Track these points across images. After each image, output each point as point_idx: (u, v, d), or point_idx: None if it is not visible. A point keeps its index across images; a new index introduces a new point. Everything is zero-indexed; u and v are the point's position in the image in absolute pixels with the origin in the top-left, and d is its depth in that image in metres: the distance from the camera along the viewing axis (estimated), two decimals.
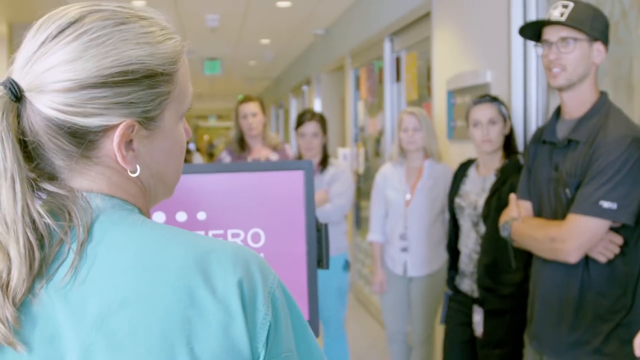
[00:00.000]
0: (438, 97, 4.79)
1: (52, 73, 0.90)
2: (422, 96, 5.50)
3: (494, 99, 3.35)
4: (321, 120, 4.57)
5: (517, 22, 3.54)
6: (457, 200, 3.53)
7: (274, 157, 4.90)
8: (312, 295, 1.67)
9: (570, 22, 2.39)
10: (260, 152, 4.90)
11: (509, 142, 3.36)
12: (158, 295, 0.87)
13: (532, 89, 3.55)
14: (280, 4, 7.32)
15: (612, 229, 2.36)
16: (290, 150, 5.02)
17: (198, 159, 5.14)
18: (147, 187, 1.01)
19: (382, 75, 6.35)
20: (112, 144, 0.92)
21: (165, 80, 0.96)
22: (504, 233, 2.67)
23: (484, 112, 3.32)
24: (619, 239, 2.36)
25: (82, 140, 0.92)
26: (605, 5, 2.99)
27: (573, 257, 2.35)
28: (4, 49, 7.41)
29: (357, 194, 7.45)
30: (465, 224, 3.46)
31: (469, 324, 3.42)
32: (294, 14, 7.86)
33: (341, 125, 9.19)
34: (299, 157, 4.55)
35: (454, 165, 3.84)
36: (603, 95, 2.49)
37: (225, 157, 4.94)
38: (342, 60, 8.04)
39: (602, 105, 2.45)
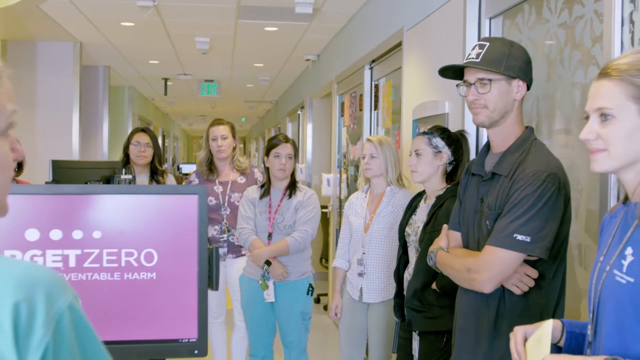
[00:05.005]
0: (406, 125, 4.86)
1: None
2: (398, 124, 5.57)
3: (431, 132, 3.41)
4: (294, 144, 4.64)
5: None
6: (407, 229, 3.59)
7: (241, 180, 4.96)
8: (201, 314, 1.73)
9: (484, 64, 2.45)
10: (228, 175, 4.97)
11: (455, 172, 3.44)
12: None
13: None
14: (268, 29, 7.44)
15: (530, 262, 2.41)
16: (259, 174, 5.07)
17: (171, 180, 5.21)
18: None
19: (362, 102, 6.43)
20: None
21: None
22: (429, 262, 2.73)
23: (414, 144, 3.43)
24: (533, 272, 2.40)
25: None
26: (546, 41, 3.06)
27: (487, 288, 2.39)
28: None
29: (339, 219, 7.51)
30: (410, 251, 3.52)
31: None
32: (282, 38, 7.97)
33: (329, 151, 9.28)
34: (268, 179, 4.59)
35: None
36: (528, 129, 2.54)
37: (194, 180, 5.01)
38: (330, 86, 8.14)
39: (525, 140, 2.50)
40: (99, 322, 1.75)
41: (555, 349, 1.87)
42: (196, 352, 1.75)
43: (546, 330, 1.69)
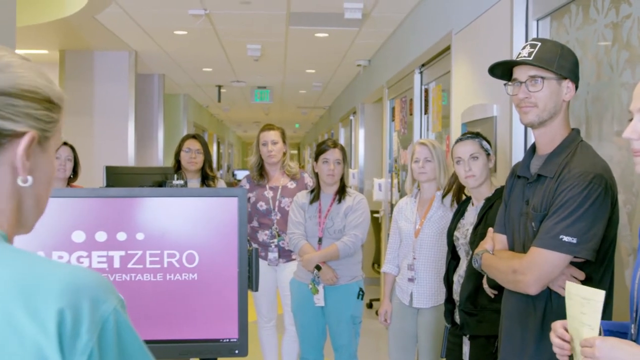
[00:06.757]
0: (455, 129, 4.84)
1: None
2: (447, 128, 5.54)
3: (477, 135, 3.40)
4: (342, 149, 4.65)
5: None
6: (456, 233, 3.57)
7: (291, 185, 5.00)
8: (242, 314, 1.76)
9: (537, 62, 2.43)
10: (278, 180, 5.01)
11: None
12: None
13: None
14: (319, 35, 7.48)
15: (576, 264, 2.38)
16: (309, 179, 5.09)
17: (222, 185, 5.30)
18: (22, 207, 1.11)
19: (412, 107, 6.42)
20: (14, 150, 1.06)
21: (57, 110, 1.13)
22: (474, 264, 2.71)
23: (465, 149, 3.38)
24: (580, 274, 2.37)
25: None
26: (594, 41, 3.02)
27: (533, 289, 2.37)
28: (55, 74, 7.77)
29: (389, 225, 7.49)
30: (461, 255, 3.50)
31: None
32: (333, 44, 8.01)
33: (381, 156, 9.28)
34: (318, 184, 4.62)
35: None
36: (574, 131, 2.51)
37: (245, 185, 5.07)
38: (381, 91, 8.14)
39: (572, 142, 2.48)
40: (142, 321, 1.80)
41: None
42: (237, 351, 1.78)
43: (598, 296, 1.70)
